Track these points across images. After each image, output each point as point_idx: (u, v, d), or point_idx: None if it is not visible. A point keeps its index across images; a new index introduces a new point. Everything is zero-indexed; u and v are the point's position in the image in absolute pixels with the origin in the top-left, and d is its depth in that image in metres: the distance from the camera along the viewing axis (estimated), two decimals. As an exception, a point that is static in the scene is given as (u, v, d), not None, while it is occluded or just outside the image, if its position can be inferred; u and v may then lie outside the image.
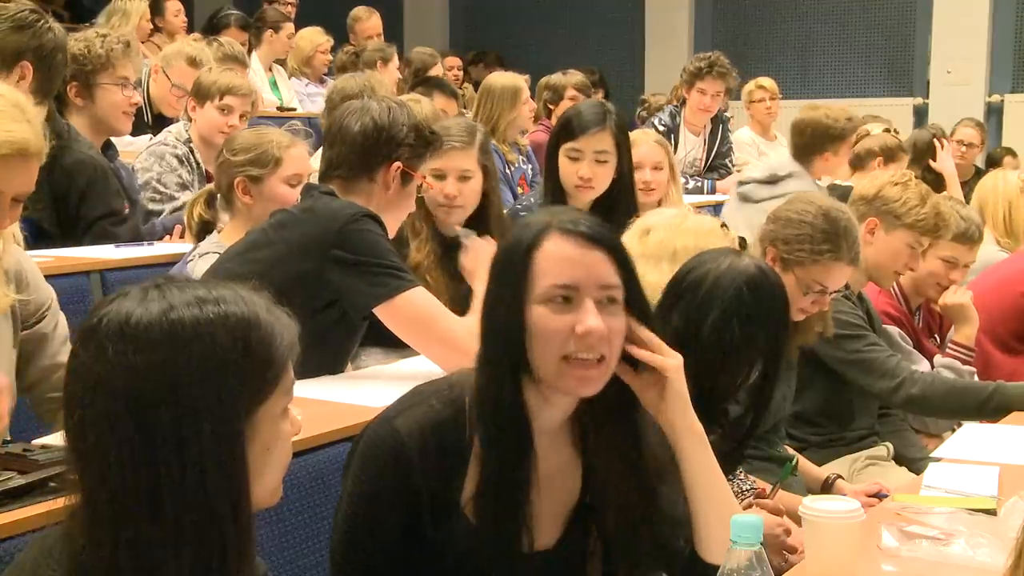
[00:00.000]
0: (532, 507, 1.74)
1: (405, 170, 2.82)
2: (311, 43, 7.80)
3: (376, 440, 1.75)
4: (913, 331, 3.81)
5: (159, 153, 4.45)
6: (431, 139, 2.90)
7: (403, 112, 2.86)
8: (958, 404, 3.29)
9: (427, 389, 1.81)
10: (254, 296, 1.32)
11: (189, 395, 1.23)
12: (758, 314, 2.20)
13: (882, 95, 10.03)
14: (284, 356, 1.32)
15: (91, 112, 3.99)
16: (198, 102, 4.51)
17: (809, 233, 2.91)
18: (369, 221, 2.68)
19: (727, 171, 6.64)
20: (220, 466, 1.24)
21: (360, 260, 2.62)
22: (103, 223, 3.67)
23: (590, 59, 9.89)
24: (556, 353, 1.67)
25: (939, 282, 3.76)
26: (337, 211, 2.69)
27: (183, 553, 1.23)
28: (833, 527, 1.82)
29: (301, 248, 2.66)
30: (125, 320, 1.25)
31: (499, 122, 5.77)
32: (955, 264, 3.76)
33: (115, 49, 3.99)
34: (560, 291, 1.68)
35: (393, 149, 2.80)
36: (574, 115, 3.76)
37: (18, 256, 2.32)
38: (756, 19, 10.80)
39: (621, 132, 3.74)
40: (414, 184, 2.88)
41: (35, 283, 2.34)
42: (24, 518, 1.73)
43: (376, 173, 2.80)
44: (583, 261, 1.69)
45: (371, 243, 2.65)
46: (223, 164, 3.27)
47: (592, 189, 3.69)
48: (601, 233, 1.73)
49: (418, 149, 2.85)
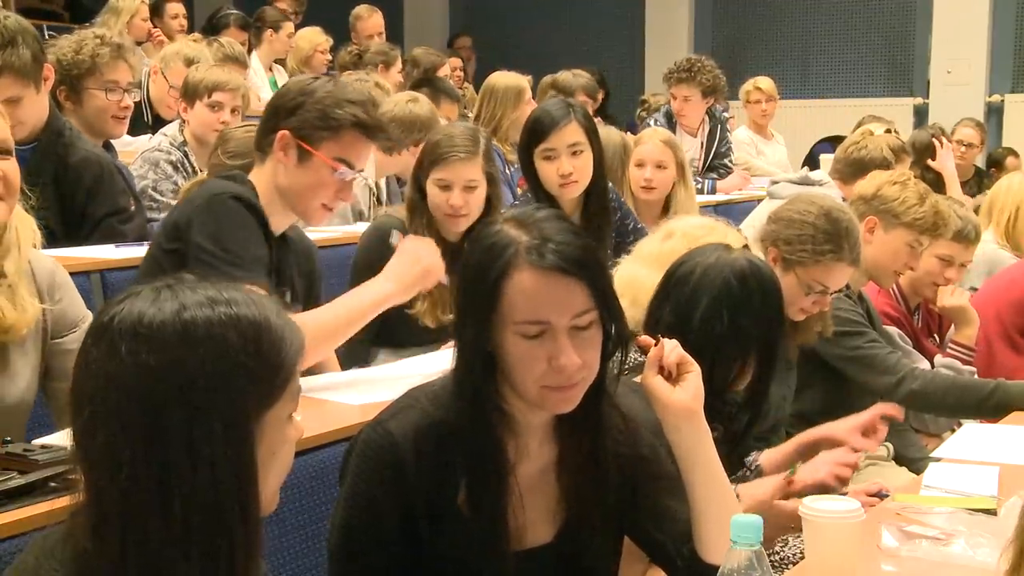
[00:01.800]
0: (524, 505, 1.76)
1: (300, 144, 2.59)
2: (310, 43, 7.79)
3: (370, 443, 1.76)
4: (912, 331, 3.81)
5: (153, 160, 4.42)
6: (336, 122, 2.58)
7: (319, 84, 2.65)
8: (958, 401, 3.29)
9: (420, 391, 1.82)
10: (264, 300, 1.33)
11: (201, 395, 1.23)
12: (747, 305, 2.20)
13: (882, 95, 10.03)
14: (293, 361, 1.32)
15: (81, 116, 3.97)
16: (188, 102, 4.49)
17: (811, 233, 2.91)
18: (221, 203, 2.55)
19: (727, 171, 6.64)
20: (230, 467, 1.24)
21: (199, 244, 2.52)
22: (111, 220, 3.65)
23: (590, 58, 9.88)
24: (534, 382, 1.69)
25: (935, 280, 3.77)
26: (202, 193, 2.62)
27: (191, 553, 1.23)
28: (833, 527, 1.82)
29: (170, 227, 2.62)
30: (138, 319, 1.25)
31: (502, 121, 5.76)
32: (951, 262, 3.76)
33: (101, 53, 3.94)
34: (532, 327, 1.67)
35: (281, 118, 2.61)
36: (540, 114, 3.73)
37: (53, 269, 2.31)
38: (756, 19, 10.80)
39: (588, 121, 3.71)
40: (319, 165, 2.59)
41: (69, 299, 2.32)
42: (24, 518, 1.73)
43: (268, 145, 2.63)
44: (554, 296, 1.67)
45: (212, 229, 2.52)
46: (216, 167, 3.25)
47: (576, 183, 3.65)
48: (571, 257, 1.68)
49: (313, 123, 2.58)
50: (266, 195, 2.64)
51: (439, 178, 3.31)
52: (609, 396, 1.80)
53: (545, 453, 1.82)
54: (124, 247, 3.62)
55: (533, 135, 3.68)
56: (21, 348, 2.21)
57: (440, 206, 3.32)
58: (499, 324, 1.68)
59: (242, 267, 2.48)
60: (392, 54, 7.05)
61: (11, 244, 2.16)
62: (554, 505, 1.83)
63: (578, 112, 3.69)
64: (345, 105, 2.60)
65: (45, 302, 2.25)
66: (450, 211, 3.32)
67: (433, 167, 3.31)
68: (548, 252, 1.67)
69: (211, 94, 4.45)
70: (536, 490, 1.80)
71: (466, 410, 1.72)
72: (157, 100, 5.60)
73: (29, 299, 2.18)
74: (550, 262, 1.67)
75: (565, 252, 1.68)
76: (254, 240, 2.56)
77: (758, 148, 7.49)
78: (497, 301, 1.67)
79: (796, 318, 2.95)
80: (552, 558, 1.83)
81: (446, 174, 3.30)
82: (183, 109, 4.52)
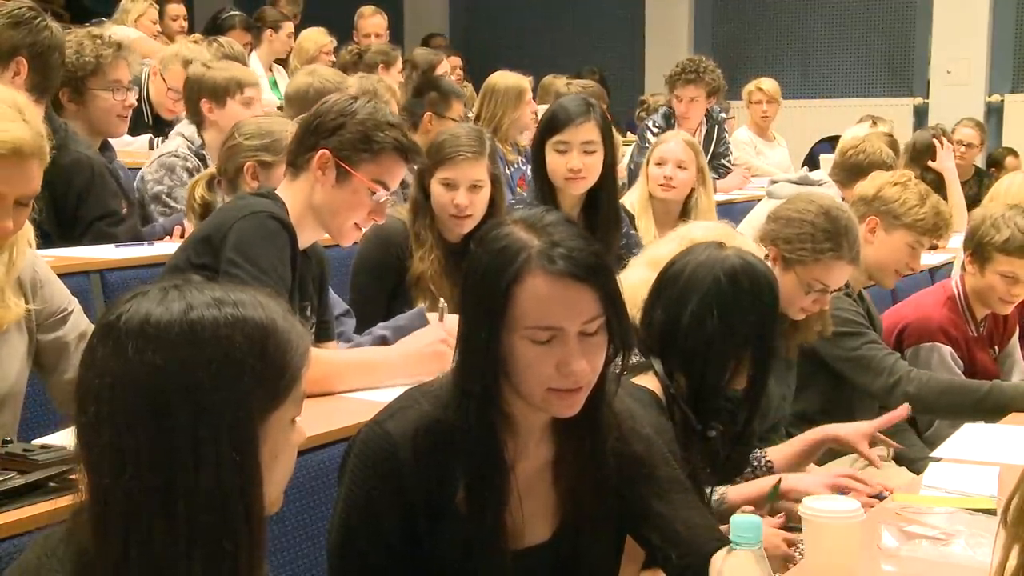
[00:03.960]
0: (521, 505, 1.76)
1: (340, 164, 2.60)
2: (315, 44, 7.78)
3: (369, 443, 1.77)
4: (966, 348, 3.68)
5: (169, 165, 4.36)
6: (378, 145, 2.60)
7: (359, 104, 2.65)
8: (954, 403, 3.28)
9: (418, 392, 1.83)
10: (271, 302, 1.32)
11: (206, 396, 1.23)
12: (738, 304, 2.18)
13: (882, 95, 10.03)
14: (298, 365, 1.32)
15: (85, 116, 3.97)
16: (216, 102, 4.39)
17: (810, 232, 2.91)
18: (255, 220, 2.54)
19: (726, 170, 6.65)
20: (235, 468, 1.24)
21: (231, 259, 2.50)
22: (101, 224, 3.65)
23: (590, 58, 9.89)
24: (540, 385, 1.69)
25: (1002, 297, 3.62)
26: (240, 208, 2.61)
27: (194, 554, 1.23)
28: (833, 527, 1.82)
29: (200, 241, 2.61)
30: (145, 319, 1.25)
31: (502, 120, 5.76)
32: (1016, 279, 3.57)
33: (104, 53, 3.94)
34: (543, 332, 1.67)
35: (322, 136, 2.61)
36: (558, 108, 3.76)
37: (32, 262, 2.29)
38: (756, 19, 10.80)
39: (605, 123, 3.73)
40: (357, 186, 2.60)
41: (50, 290, 2.31)
42: (24, 518, 1.73)
43: (305, 162, 2.63)
44: (565, 302, 1.67)
45: (246, 245, 2.51)
46: (234, 147, 3.23)
47: (583, 180, 3.67)
48: (582, 263, 1.68)
49: (354, 144, 2.59)
50: (297, 211, 2.63)
51: (445, 177, 3.31)
52: (608, 397, 1.80)
53: (542, 452, 1.82)
54: (124, 247, 3.62)
55: (549, 126, 3.71)
56: (5, 340, 2.21)
57: (445, 206, 3.32)
58: (508, 328, 1.68)
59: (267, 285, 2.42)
60: (393, 54, 7.05)
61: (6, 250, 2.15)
62: (551, 504, 1.84)
63: (597, 112, 3.70)
64: (386, 128, 2.61)
65: (30, 301, 2.24)
66: (455, 211, 3.31)
67: (439, 167, 3.31)
68: (560, 258, 1.67)
69: (243, 90, 4.40)
70: (533, 489, 1.80)
71: (471, 411, 1.71)
72: (157, 102, 5.61)
73: (12, 299, 2.18)
74: (563, 268, 1.66)
75: (577, 258, 1.67)
76: (283, 261, 2.56)
77: (758, 149, 7.49)
78: (508, 306, 1.67)
79: (796, 317, 2.95)
80: (549, 557, 1.83)
81: (452, 173, 3.30)
82: (208, 110, 4.40)
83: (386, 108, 2.73)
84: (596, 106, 3.75)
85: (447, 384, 1.79)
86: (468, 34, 11.51)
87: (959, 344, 3.65)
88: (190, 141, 4.43)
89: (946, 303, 3.69)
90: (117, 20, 6.95)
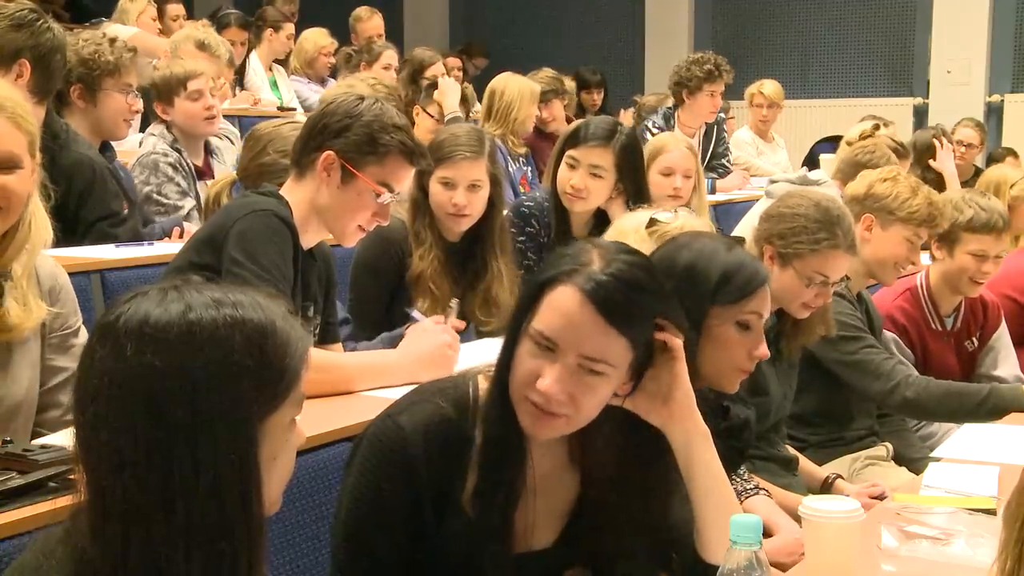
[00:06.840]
0: (528, 508, 1.76)
1: (345, 166, 2.59)
2: (315, 45, 7.79)
3: (380, 436, 1.76)
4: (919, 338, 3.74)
5: (151, 164, 4.39)
6: (384, 147, 2.60)
7: (365, 106, 2.63)
8: (953, 407, 3.27)
9: (431, 387, 1.83)
10: (271, 303, 1.32)
11: (205, 397, 1.23)
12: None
13: (882, 95, 10.02)
14: (297, 367, 1.32)
15: (92, 115, 3.99)
16: (165, 103, 4.49)
17: (804, 224, 2.90)
18: (257, 218, 2.53)
19: (726, 170, 6.65)
20: (233, 469, 1.24)
21: (233, 257, 2.49)
22: (102, 225, 3.66)
23: (590, 59, 9.89)
24: (519, 389, 1.69)
25: (973, 277, 3.68)
26: (244, 206, 2.60)
27: (193, 555, 1.23)
28: (833, 527, 1.82)
29: (203, 241, 2.60)
30: (144, 319, 1.25)
31: (518, 114, 5.83)
32: (985, 256, 3.67)
33: (124, 56, 4.01)
34: (543, 340, 1.67)
35: (328, 137, 2.60)
36: (583, 125, 3.82)
37: (55, 271, 2.30)
38: (756, 19, 10.80)
39: (627, 154, 3.73)
40: (362, 188, 2.60)
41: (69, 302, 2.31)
42: (24, 518, 1.73)
43: (310, 162, 2.62)
44: (577, 326, 1.65)
45: (246, 241, 2.50)
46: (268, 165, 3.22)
47: (582, 200, 3.72)
48: (616, 304, 1.65)
49: (360, 146, 2.58)
50: (301, 211, 2.62)
51: (443, 176, 3.31)
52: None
53: (550, 459, 1.81)
54: (124, 247, 3.62)
55: (570, 138, 3.78)
56: (23, 347, 2.21)
57: (443, 205, 3.32)
58: (525, 328, 1.69)
59: (270, 283, 2.45)
60: (376, 52, 7.08)
61: (22, 244, 2.15)
62: (559, 508, 1.83)
63: (622, 139, 3.72)
64: (392, 130, 2.61)
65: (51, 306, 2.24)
66: (453, 210, 3.32)
67: (438, 166, 3.31)
68: (600, 286, 1.65)
69: (186, 86, 4.46)
70: (542, 493, 1.79)
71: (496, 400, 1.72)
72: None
73: (35, 300, 2.18)
74: (593, 294, 1.65)
75: (615, 298, 1.65)
76: (285, 259, 2.55)
77: (759, 149, 7.49)
78: (534, 304, 1.69)
79: (800, 315, 2.94)
80: (555, 561, 1.83)
81: (451, 173, 3.30)
82: (162, 112, 4.51)
83: (393, 109, 2.71)
84: (623, 135, 3.74)
85: (462, 382, 1.80)
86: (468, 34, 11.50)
87: (908, 333, 3.71)
88: (162, 138, 4.49)
89: (903, 294, 3.75)
90: (117, 20, 6.98)
